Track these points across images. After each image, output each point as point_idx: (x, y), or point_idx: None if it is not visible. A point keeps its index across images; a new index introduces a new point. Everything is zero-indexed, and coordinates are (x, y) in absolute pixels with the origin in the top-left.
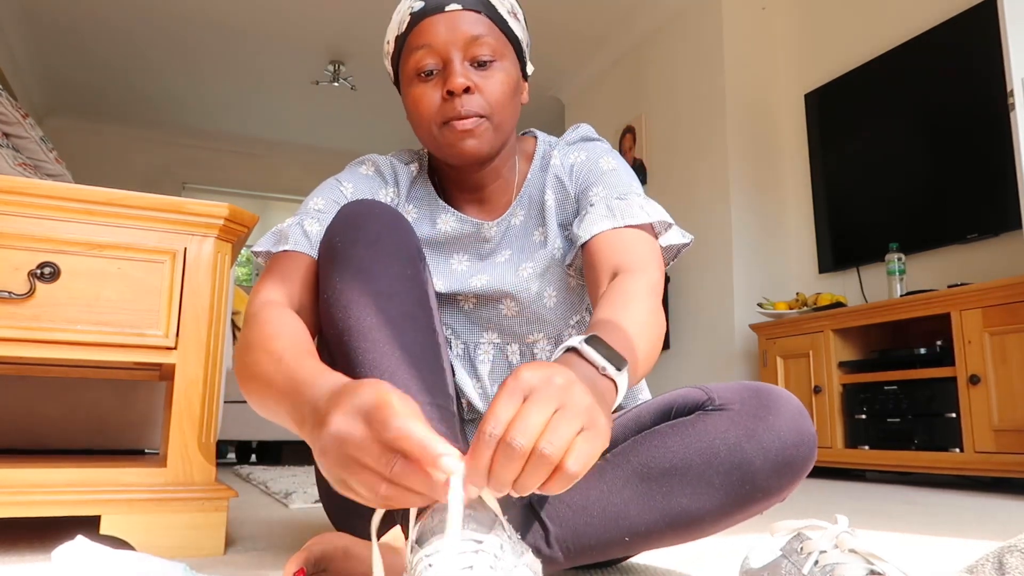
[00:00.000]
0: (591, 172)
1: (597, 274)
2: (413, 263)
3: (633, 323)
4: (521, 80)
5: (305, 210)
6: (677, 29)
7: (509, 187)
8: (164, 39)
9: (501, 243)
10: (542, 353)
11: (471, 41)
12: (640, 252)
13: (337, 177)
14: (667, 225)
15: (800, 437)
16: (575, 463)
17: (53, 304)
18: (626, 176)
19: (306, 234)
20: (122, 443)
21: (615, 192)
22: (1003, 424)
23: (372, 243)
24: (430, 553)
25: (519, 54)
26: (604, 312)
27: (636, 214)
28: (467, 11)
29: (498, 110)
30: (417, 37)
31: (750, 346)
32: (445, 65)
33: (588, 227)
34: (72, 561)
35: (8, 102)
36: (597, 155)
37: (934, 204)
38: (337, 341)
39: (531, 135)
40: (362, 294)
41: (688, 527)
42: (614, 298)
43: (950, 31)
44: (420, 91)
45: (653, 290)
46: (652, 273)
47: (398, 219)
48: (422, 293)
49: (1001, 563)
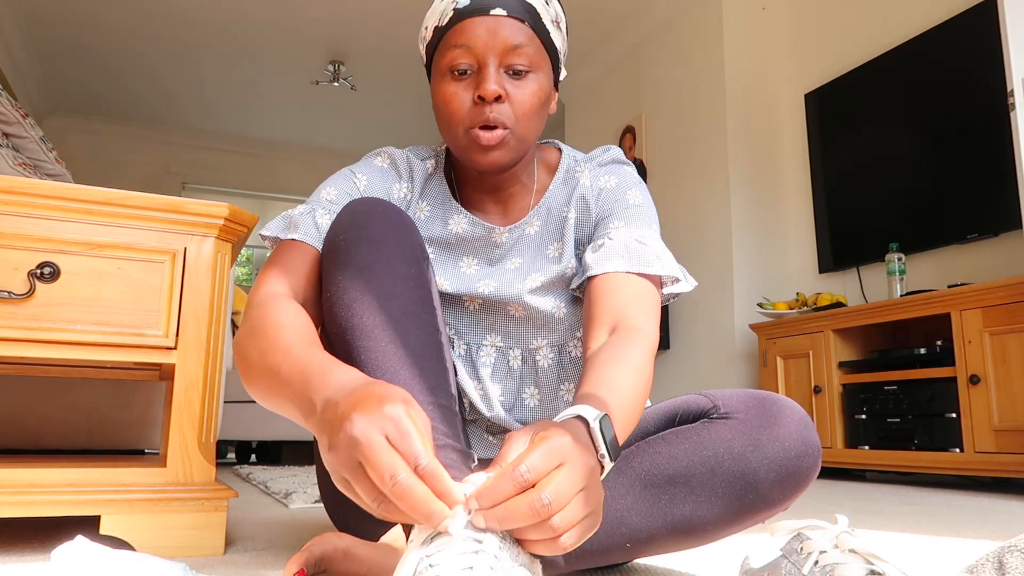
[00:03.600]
0: (617, 202)
1: (596, 314)
2: (417, 263)
3: (629, 397)
4: (552, 91)
5: (317, 199)
6: (677, 29)
7: (527, 193)
8: (164, 39)
9: (512, 250)
10: (544, 360)
11: (510, 50)
12: (644, 307)
13: (352, 168)
14: (675, 279)
15: (804, 448)
16: (569, 541)
17: (53, 304)
18: (648, 215)
19: (317, 226)
20: (122, 443)
21: (635, 232)
22: (1003, 424)
23: (376, 242)
24: (431, 553)
25: (555, 63)
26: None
27: (651, 263)
28: (510, 18)
29: (524, 122)
30: (456, 35)
31: (750, 346)
32: (480, 69)
33: (601, 262)
34: (72, 561)
35: (8, 102)
36: (627, 185)
37: (934, 204)
38: (340, 339)
39: (554, 146)
40: (365, 293)
41: (690, 534)
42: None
43: (950, 31)
44: (452, 90)
45: (650, 355)
46: (651, 336)
47: (403, 218)
48: (425, 293)
49: (1001, 563)
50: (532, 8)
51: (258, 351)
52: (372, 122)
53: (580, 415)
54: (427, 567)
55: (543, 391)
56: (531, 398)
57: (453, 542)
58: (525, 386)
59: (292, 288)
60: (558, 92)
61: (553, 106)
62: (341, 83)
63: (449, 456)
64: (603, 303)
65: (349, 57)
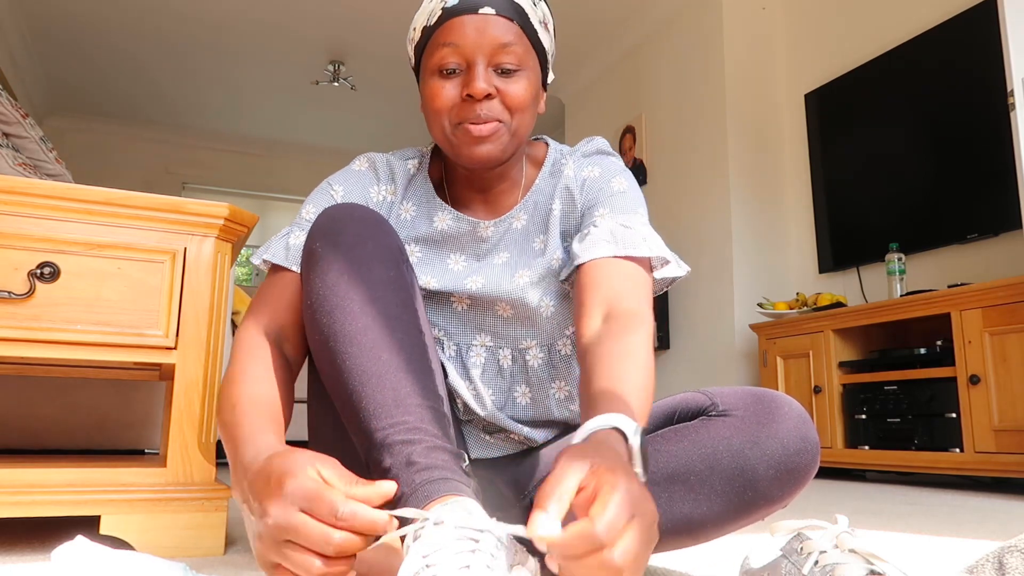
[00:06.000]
0: (601, 191)
1: (587, 300)
2: (396, 265)
3: (646, 391)
4: (541, 90)
5: (298, 219)
6: (677, 29)
7: (515, 189)
8: (164, 39)
9: (499, 244)
10: (534, 360)
11: (499, 48)
12: (634, 290)
13: (329, 180)
14: (664, 261)
15: (803, 444)
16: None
17: (53, 304)
18: (634, 200)
19: (288, 247)
20: (122, 443)
21: (620, 218)
22: (1003, 424)
23: (352, 246)
24: (428, 553)
25: (543, 64)
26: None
27: (638, 245)
28: (499, 16)
29: (517, 116)
30: (445, 34)
31: (750, 346)
32: (469, 68)
33: (588, 249)
34: (72, 561)
35: (8, 102)
36: (610, 173)
37: (934, 204)
38: (322, 347)
39: (542, 141)
40: (344, 299)
41: (689, 532)
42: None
43: (950, 31)
44: (439, 86)
45: (649, 340)
46: (647, 320)
47: (379, 221)
48: (407, 295)
49: (1001, 563)
50: (520, 8)
51: (220, 403)
52: (372, 122)
53: (617, 427)
54: (424, 567)
55: (534, 390)
56: (522, 396)
57: (450, 542)
58: (516, 385)
59: (269, 321)
60: (546, 93)
61: (542, 106)
62: (341, 83)
63: (440, 457)
64: (593, 289)
65: (349, 57)
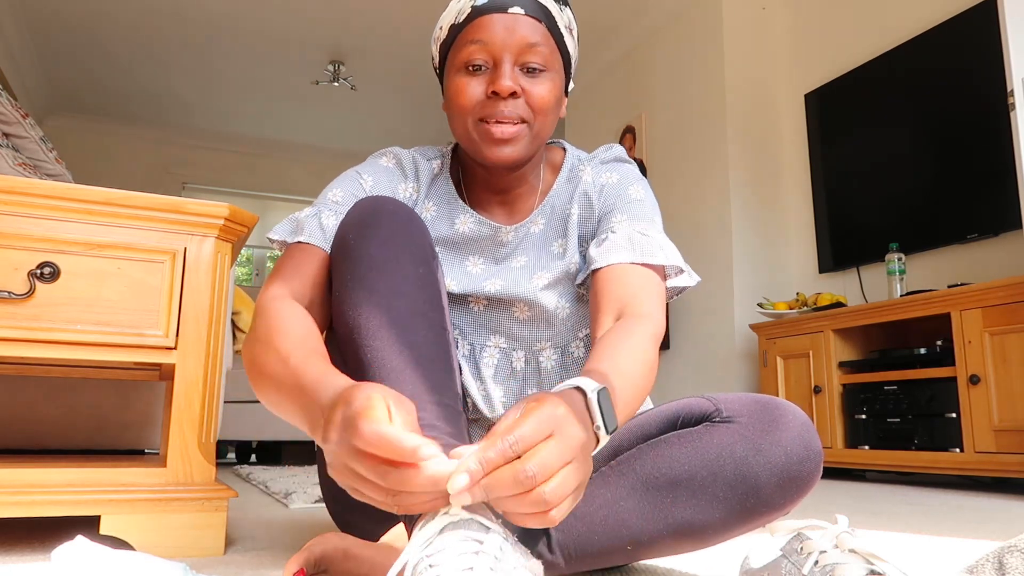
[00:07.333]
0: (619, 197)
1: (602, 303)
2: (426, 262)
3: (631, 377)
4: (563, 94)
5: (323, 201)
6: (677, 29)
7: (533, 193)
8: (164, 39)
9: (518, 249)
10: (547, 362)
11: (526, 48)
12: (648, 296)
13: (357, 169)
14: (678, 270)
15: (807, 453)
16: (558, 514)
17: (53, 304)
18: (651, 209)
19: (322, 227)
20: (122, 443)
21: (638, 225)
22: (1003, 424)
23: (385, 241)
24: (431, 553)
25: (567, 68)
26: (609, 358)
27: (655, 253)
28: (528, 17)
29: (540, 117)
30: (473, 31)
31: (750, 346)
32: (495, 65)
33: (605, 254)
34: (72, 561)
35: (8, 102)
36: (628, 181)
37: (934, 204)
38: (347, 338)
39: (559, 146)
40: (373, 292)
41: (691, 538)
42: (619, 344)
43: (950, 31)
44: (464, 82)
45: (655, 340)
46: (657, 322)
47: (412, 217)
48: (434, 292)
49: (1001, 563)
50: (548, 11)
51: (261, 360)
52: (372, 122)
53: (578, 386)
54: (427, 567)
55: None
56: None
57: (454, 542)
58: (528, 387)
59: (297, 291)
60: (567, 98)
61: (563, 110)
62: (341, 83)
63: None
64: (608, 293)
65: (349, 57)
